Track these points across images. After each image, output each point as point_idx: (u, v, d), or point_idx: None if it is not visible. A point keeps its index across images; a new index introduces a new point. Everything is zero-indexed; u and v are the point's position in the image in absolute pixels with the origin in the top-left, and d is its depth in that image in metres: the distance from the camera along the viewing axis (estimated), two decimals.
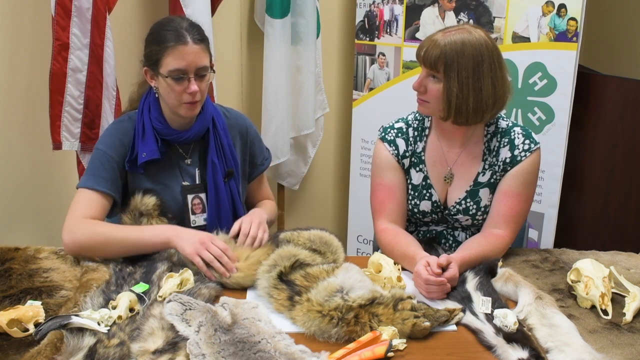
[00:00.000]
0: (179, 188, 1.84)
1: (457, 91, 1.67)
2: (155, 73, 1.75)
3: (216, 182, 1.86)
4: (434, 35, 1.71)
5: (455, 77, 1.66)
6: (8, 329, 1.34)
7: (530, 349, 1.30)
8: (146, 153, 1.77)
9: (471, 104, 1.68)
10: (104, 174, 1.76)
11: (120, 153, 1.79)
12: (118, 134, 1.81)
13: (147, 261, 1.66)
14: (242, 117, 2.01)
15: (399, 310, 1.40)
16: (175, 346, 1.28)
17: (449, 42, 1.67)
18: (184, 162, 1.86)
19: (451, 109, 1.70)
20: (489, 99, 1.69)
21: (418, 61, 1.75)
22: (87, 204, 1.72)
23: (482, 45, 1.67)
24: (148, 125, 1.79)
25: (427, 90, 1.72)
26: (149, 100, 1.82)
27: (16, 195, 2.75)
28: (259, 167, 2.03)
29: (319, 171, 3.44)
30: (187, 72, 1.70)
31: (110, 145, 1.79)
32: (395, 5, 2.86)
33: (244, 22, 3.13)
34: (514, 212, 1.77)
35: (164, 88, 1.74)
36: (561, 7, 2.49)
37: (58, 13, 2.38)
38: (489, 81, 1.68)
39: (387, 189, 1.85)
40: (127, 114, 1.87)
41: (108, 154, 1.77)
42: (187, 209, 1.85)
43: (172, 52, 1.69)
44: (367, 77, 3.03)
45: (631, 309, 1.47)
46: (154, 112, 1.80)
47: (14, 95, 2.65)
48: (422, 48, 1.72)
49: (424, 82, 1.73)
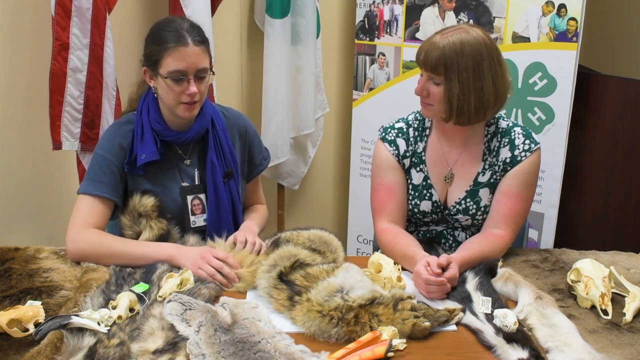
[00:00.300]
0: (178, 189, 1.84)
1: (459, 92, 1.67)
2: (154, 73, 1.75)
3: (216, 182, 1.86)
4: (432, 38, 1.71)
5: (456, 78, 1.66)
6: (8, 329, 1.34)
7: (530, 349, 1.30)
8: (145, 155, 1.76)
9: (472, 103, 1.68)
10: (104, 178, 1.75)
11: (119, 156, 1.78)
12: (117, 137, 1.80)
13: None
14: (241, 116, 2.00)
15: (399, 310, 1.40)
16: (175, 346, 1.28)
17: (448, 43, 1.66)
18: (183, 163, 1.86)
19: (452, 110, 1.69)
20: (490, 97, 1.69)
21: (418, 65, 1.74)
22: (89, 211, 1.73)
23: (480, 44, 1.67)
24: (147, 126, 1.79)
25: (429, 93, 1.72)
26: (147, 101, 1.82)
27: (16, 195, 2.75)
28: (257, 167, 2.03)
29: (319, 171, 3.44)
30: (187, 73, 1.70)
31: (109, 149, 1.78)
32: (395, 5, 2.86)
33: (244, 22, 3.13)
34: (514, 212, 1.77)
35: (163, 88, 1.74)
36: (561, 7, 2.49)
37: (58, 13, 2.38)
38: (489, 79, 1.68)
39: (387, 189, 1.85)
40: (126, 115, 1.87)
41: (107, 158, 1.77)
42: (187, 210, 1.84)
43: (172, 53, 1.69)
44: (367, 77, 3.03)
45: (631, 309, 1.47)
46: (152, 113, 1.80)
47: (14, 95, 2.65)
48: (422, 52, 1.71)
49: (425, 86, 1.73)
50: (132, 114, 1.85)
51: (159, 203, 1.78)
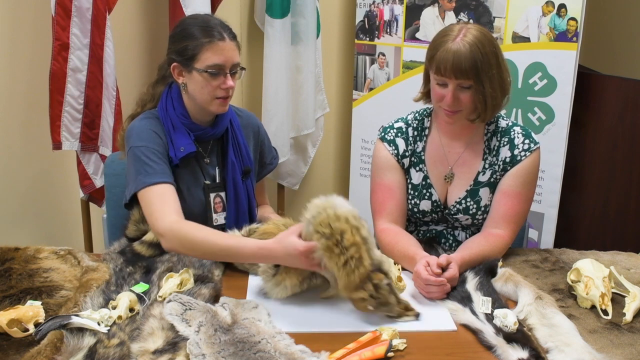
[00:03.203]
0: (200, 187, 1.84)
1: (491, 90, 1.68)
2: (187, 69, 1.74)
3: (235, 180, 1.87)
4: (447, 45, 1.65)
5: (487, 77, 1.67)
6: (8, 329, 1.33)
7: (530, 349, 1.30)
8: (184, 147, 1.76)
9: (500, 95, 1.71)
10: (157, 167, 1.71)
11: (160, 144, 1.75)
12: (150, 127, 1.76)
13: (147, 261, 1.66)
14: (253, 116, 2.03)
15: (370, 279, 1.41)
16: (175, 346, 1.28)
17: (470, 46, 1.63)
18: (204, 161, 1.86)
19: (487, 109, 1.70)
20: (508, 85, 1.74)
21: (441, 75, 1.66)
22: (162, 200, 1.66)
23: (488, 38, 1.69)
24: (176, 120, 1.77)
25: (460, 101, 1.69)
26: (171, 96, 1.80)
27: (16, 195, 2.75)
28: (267, 166, 2.05)
29: (319, 171, 3.44)
30: (224, 67, 1.72)
31: (147, 139, 1.74)
32: (395, 5, 2.86)
33: (244, 22, 3.13)
34: (514, 212, 1.77)
35: (198, 83, 1.73)
36: (561, 7, 2.49)
37: (58, 13, 2.39)
38: (505, 69, 1.73)
39: (387, 189, 1.85)
40: (145, 113, 1.83)
41: (150, 147, 1.72)
42: (210, 208, 1.85)
43: (210, 48, 1.70)
44: (367, 77, 3.03)
45: (631, 309, 1.47)
46: (178, 108, 1.79)
47: (14, 95, 2.65)
48: (446, 62, 1.63)
49: (455, 94, 1.68)
50: (151, 111, 1.82)
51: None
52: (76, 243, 2.82)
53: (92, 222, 2.79)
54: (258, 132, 2.00)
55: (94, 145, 2.59)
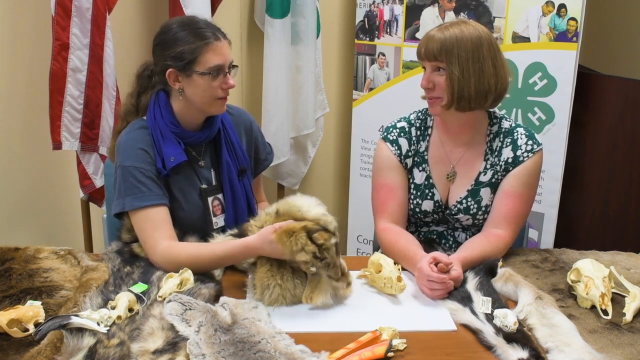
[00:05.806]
0: (197, 192, 1.82)
1: (459, 74, 1.68)
2: (186, 73, 1.71)
3: (232, 181, 1.86)
4: (430, 32, 1.73)
5: (456, 61, 1.67)
6: (8, 329, 1.33)
7: (530, 349, 1.30)
8: (174, 157, 1.73)
9: (473, 86, 1.69)
10: (144, 188, 1.69)
11: (147, 162, 1.72)
12: (136, 144, 1.73)
13: (144, 261, 1.66)
14: (245, 112, 2.01)
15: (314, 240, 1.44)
16: (175, 346, 1.28)
17: (448, 33, 1.69)
18: (198, 165, 1.84)
19: (454, 94, 1.70)
20: (490, 79, 1.70)
21: (419, 59, 1.75)
22: (154, 224, 1.67)
23: (479, 32, 1.70)
24: (165, 129, 1.75)
25: (435, 85, 1.72)
26: (159, 104, 1.77)
27: (16, 196, 2.75)
28: (263, 162, 2.03)
29: (319, 171, 3.44)
30: (224, 67, 1.72)
31: (134, 158, 1.71)
32: (395, 5, 2.86)
33: (244, 22, 3.13)
34: (515, 213, 1.77)
35: (199, 86, 1.71)
36: (561, 7, 2.49)
37: (58, 13, 2.39)
38: (489, 62, 1.70)
39: (388, 189, 1.85)
40: (133, 123, 1.80)
41: (137, 167, 1.70)
42: (209, 212, 1.83)
43: (211, 49, 1.70)
44: (367, 77, 3.03)
45: (631, 309, 1.47)
46: (167, 116, 1.76)
47: (14, 95, 2.65)
48: (422, 46, 1.73)
49: (430, 77, 1.73)
50: (139, 121, 1.80)
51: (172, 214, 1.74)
52: (76, 243, 2.82)
53: (92, 222, 2.79)
54: (250, 128, 1.98)
55: (94, 145, 2.59)
